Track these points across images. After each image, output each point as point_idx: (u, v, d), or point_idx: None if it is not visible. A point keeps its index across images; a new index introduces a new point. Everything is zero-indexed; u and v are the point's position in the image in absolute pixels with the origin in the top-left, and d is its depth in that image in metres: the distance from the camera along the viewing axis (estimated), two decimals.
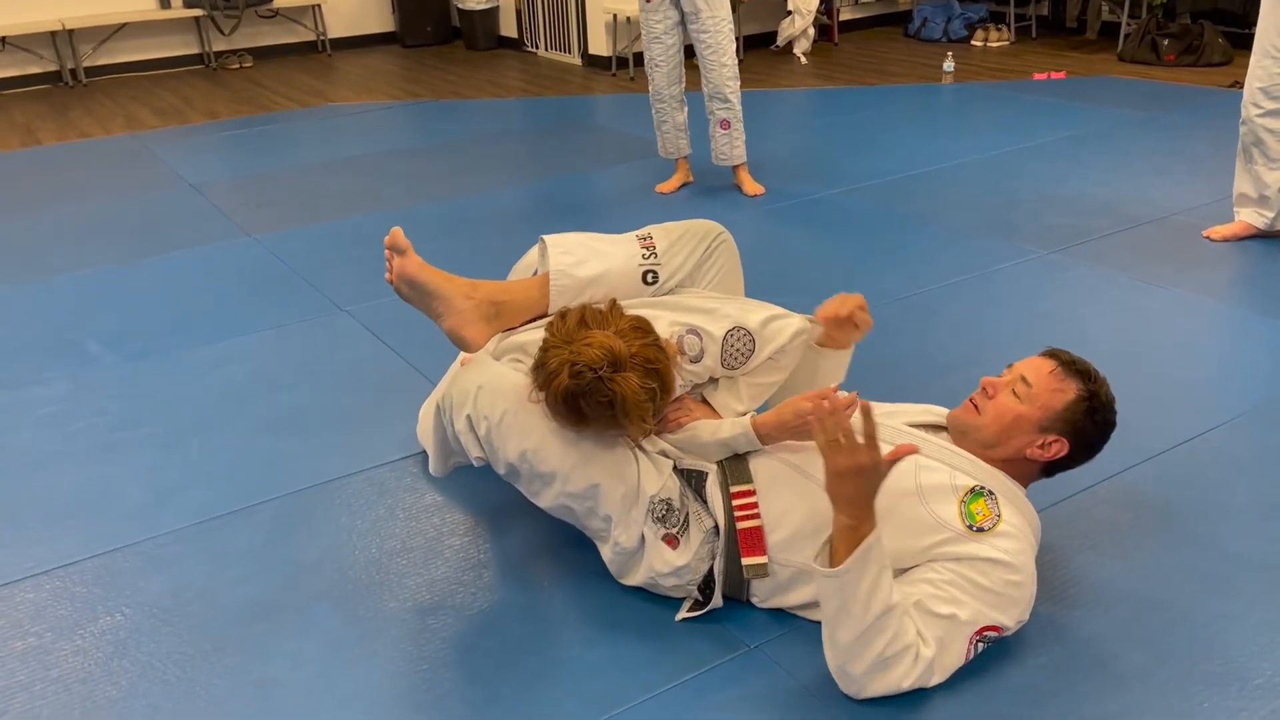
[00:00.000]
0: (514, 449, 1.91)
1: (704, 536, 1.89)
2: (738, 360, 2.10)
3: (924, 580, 1.75)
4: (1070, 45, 7.56)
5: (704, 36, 4.21)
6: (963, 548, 1.74)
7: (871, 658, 1.67)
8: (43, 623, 2.03)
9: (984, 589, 1.73)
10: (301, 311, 3.44)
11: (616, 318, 1.90)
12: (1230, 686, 1.74)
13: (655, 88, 4.41)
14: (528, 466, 1.92)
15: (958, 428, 1.91)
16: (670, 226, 2.21)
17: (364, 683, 1.84)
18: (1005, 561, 1.74)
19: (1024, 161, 4.75)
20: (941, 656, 1.72)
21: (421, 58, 8.31)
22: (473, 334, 2.11)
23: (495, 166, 5.16)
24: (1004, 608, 1.74)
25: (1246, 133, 3.58)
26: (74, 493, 2.47)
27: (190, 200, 4.76)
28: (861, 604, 1.65)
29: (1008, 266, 3.56)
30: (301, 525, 2.30)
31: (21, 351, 3.24)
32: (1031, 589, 1.78)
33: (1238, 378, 2.76)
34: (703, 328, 2.06)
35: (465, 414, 1.93)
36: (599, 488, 1.91)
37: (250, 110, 6.62)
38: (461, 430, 1.95)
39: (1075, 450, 1.87)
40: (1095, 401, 1.85)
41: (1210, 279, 3.40)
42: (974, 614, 1.72)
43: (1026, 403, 1.84)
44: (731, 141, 4.42)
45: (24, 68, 7.59)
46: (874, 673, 1.69)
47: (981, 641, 1.75)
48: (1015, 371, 1.90)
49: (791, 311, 2.18)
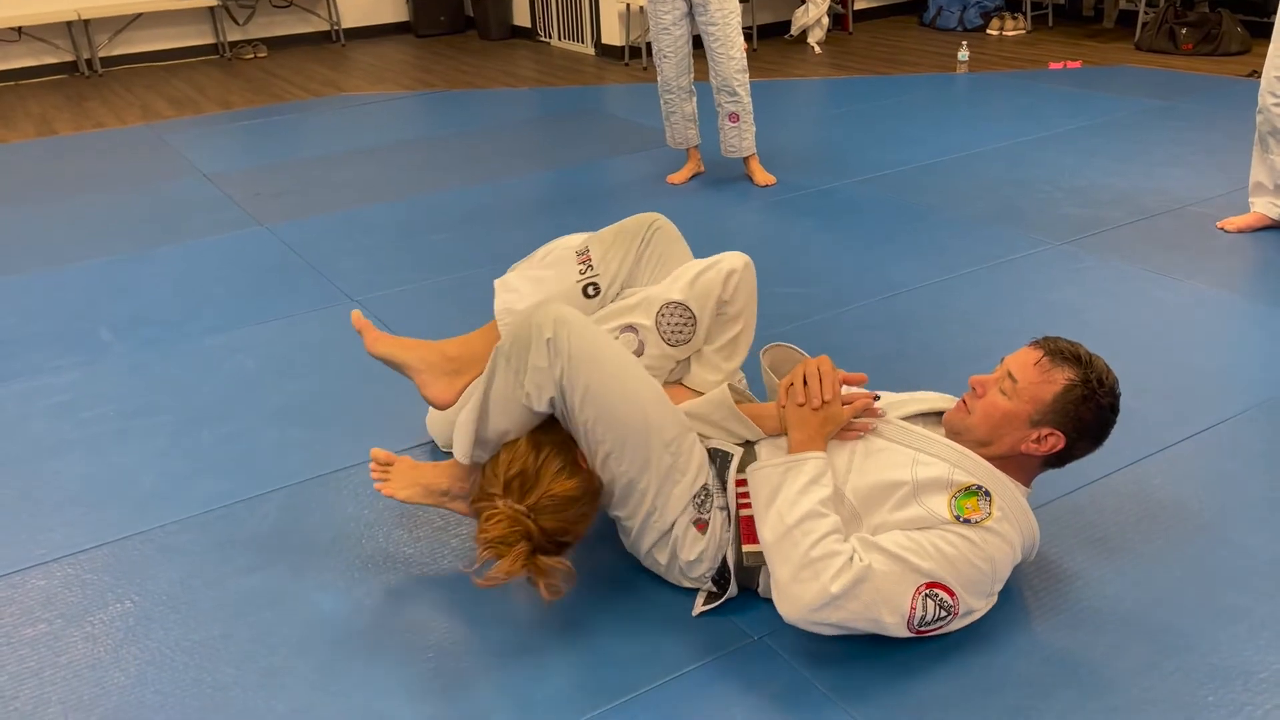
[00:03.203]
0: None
1: (722, 520, 1.90)
2: (683, 333, 2.05)
3: (889, 537, 1.74)
4: (1086, 34, 7.50)
5: (712, 29, 4.19)
6: (943, 528, 1.74)
7: (797, 558, 1.68)
8: (53, 609, 2.05)
9: (944, 554, 1.71)
10: (313, 301, 3.45)
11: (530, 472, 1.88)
12: (1235, 681, 1.73)
13: (664, 79, 4.39)
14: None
15: (952, 429, 1.88)
16: (605, 232, 2.19)
17: (370, 672, 1.85)
18: (976, 544, 1.72)
19: (1039, 151, 4.72)
20: (886, 587, 1.68)
21: (435, 47, 8.31)
22: (435, 393, 2.17)
23: (508, 156, 5.15)
24: (960, 580, 1.72)
25: (1263, 122, 3.55)
26: (85, 480, 2.49)
27: (203, 190, 4.78)
28: (786, 503, 1.70)
29: (1020, 257, 3.54)
30: (310, 514, 2.31)
31: (34, 340, 3.27)
32: (990, 588, 1.78)
33: (1249, 370, 2.74)
34: (636, 322, 2.04)
35: (546, 339, 1.82)
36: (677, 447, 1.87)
37: (264, 100, 6.64)
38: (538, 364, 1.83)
39: (1076, 440, 1.81)
40: (1088, 387, 1.77)
41: (1224, 271, 3.38)
42: (929, 567, 1.70)
43: (1014, 399, 1.79)
44: (740, 135, 4.41)
45: (40, 58, 7.63)
46: (801, 575, 1.68)
47: (930, 599, 1.70)
48: (1004, 367, 1.85)
49: (726, 253, 2.08)
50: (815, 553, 1.68)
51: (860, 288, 3.35)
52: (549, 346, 1.82)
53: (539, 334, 1.82)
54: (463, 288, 3.49)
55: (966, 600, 1.74)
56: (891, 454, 1.83)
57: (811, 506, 1.72)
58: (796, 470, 1.77)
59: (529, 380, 1.84)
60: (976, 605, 1.78)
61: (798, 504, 1.72)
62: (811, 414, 1.83)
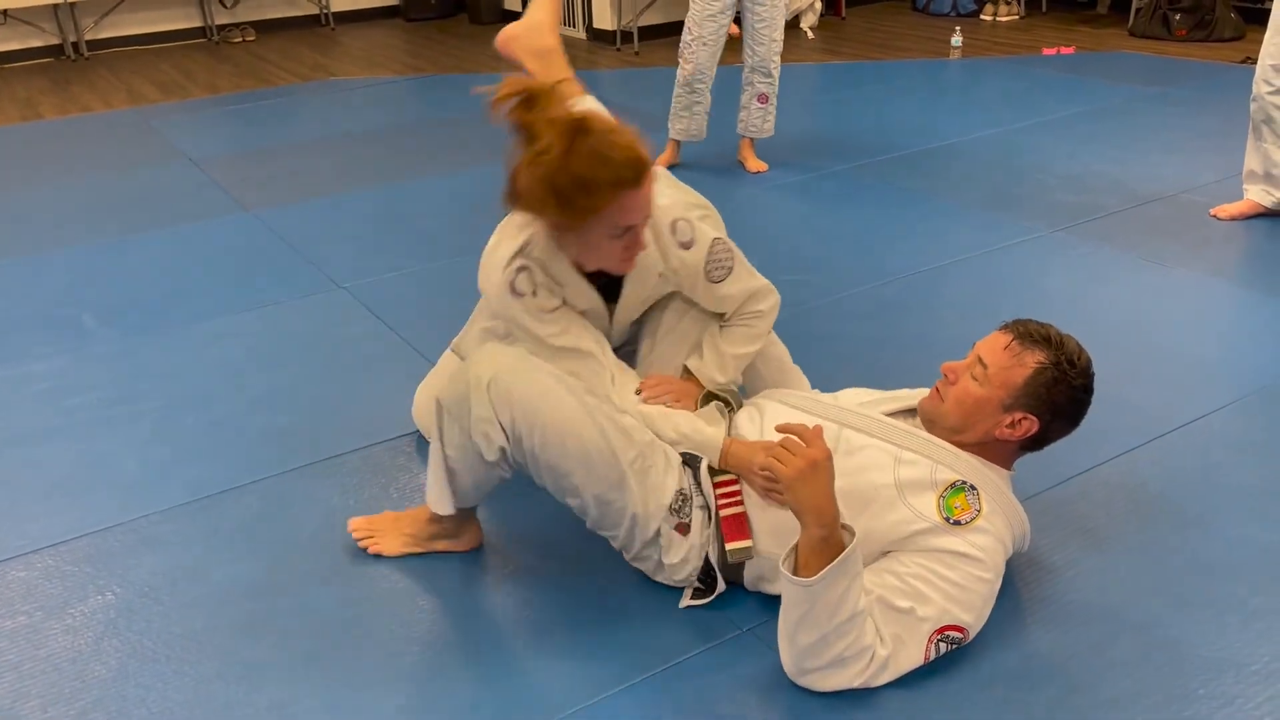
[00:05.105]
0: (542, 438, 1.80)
1: (703, 519, 1.87)
2: (718, 271, 2.03)
3: (889, 571, 1.72)
4: (1080, 20, 7.47)
5: (759, 9, 4.16)
6: (936, 540, 1.71)
7: (829, 658, 1.66)
8: (33, 601, 2.02)
9: (951, 583, 1.69)
10: (299, 288, 3.42)
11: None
12: (1227, 672, 1.72)
13: (696, 68, 4.24)
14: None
15: (926, 417, 1.86)
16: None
17: (354, 664, 1.83)
18: (976, 558, 1.70)
19: (1032, 138, 4.69)
20: (897, 655, 1.69)
21: (425, 31, 8.25)
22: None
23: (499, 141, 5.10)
24: (969, 605, 1.71)
25: (1257, 110, 3.53)
26: (68, 469, 2.46)
27: (190, 175, 4.73)
28: (829, 611, 1.63)
29: (1014, 244, 3.52)
30: (294, 504, 2.29)
31: (17, 326, 3.23)
32: (995, 590, 1.75)
33: (1242, 358, 2.73)
34: (695, 222, 2.02)
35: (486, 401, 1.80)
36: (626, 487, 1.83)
37: (252, 84, 6.57)
38: (483, 419, 1.81)
39: (1050, 422, 1.79)
40: (1059, 369, 1.75)
41: (1217, 258, 3.36)
42: (936, 611, 1.69)
43: (986, 385, 1.78)
44: (765, 116, 4.40)
45: (25, 41, 7.54)
46: (828, 670, 1.67)
47: (943, 641, 1.71)
48: (975, 352, 1.83)
49: (772, 286, 2.12)
50: (848, 653, 1.66)
51: (852, 275, 3.33)
52: (488, 393, 1.78)
53: (477, 384, 1.79)
54: (452, 274, 3.45)
55: (974, 622, 1.73)
56: (872, 452, 1.80)
57: (851, 610, 1.63)
58: (837, 578, 1.62)
59: (475, 431, 1.80)
60: (985, 617, 1.77)
61: (836, 612, 1.63)
62: (804, 473, 1.63)
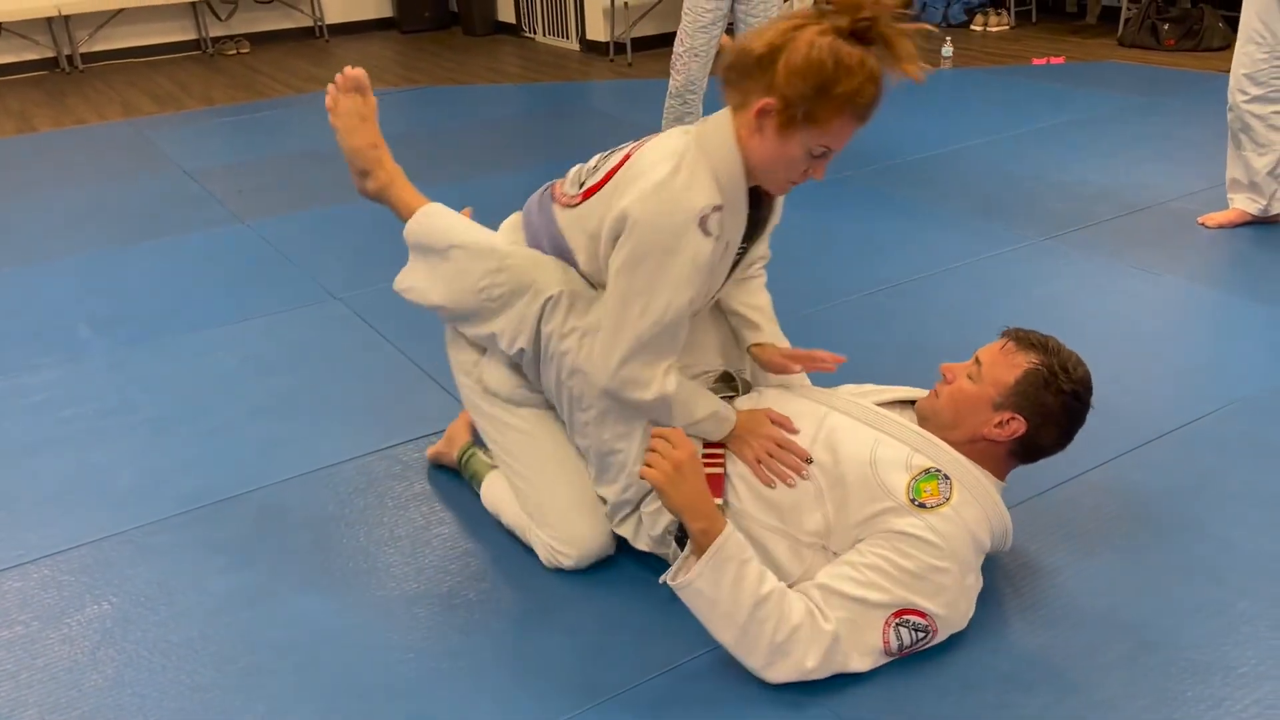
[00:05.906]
0: None
1: None
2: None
3: (846, 562, 1.73)
4: (1070, 30, 7.52)
5: (752, 20, 4.20)
6: (897, 520, 1.71)
7: (766, 646, 1.67)
8: (30, 611, 2.03)
9: (905, 571, 1.69)
10: (294, 298, 3.44)
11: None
12: (1214, 675, 1.74)
13: (689, 79, 4.26)
14: None
15: (921, 414, 1.90)
16: None
17: (351, 672, 1.84)
18: (932, 543, 1.69)
19: (1022, 147, 4.73)
20: (853, 636, 1.70)
21: (419, 43, 8.28)
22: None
23: (493, 152, 5.14)
24: (929, 593, 1.70)
25: (1234, 119, 3.55)
26: (64, 480, 2.47)
27: (185, 186, 4.75)
28: (728, 604, 1.65)
29: (1004, 252, 3.55)
30: (289, 513, 2.30)
31: (12, 337, 3.24)
32: (962, 582, 1.74)
33: (1229, 365, 2.75)
34: None
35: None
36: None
37: (247, 96, 6.60)
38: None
39: (1039, 426, 1.80)
40: (1050, 372, 1.78)
41: (1204, 266, 3.39)
42: (890, 598, 1.69)
43: (979, 382, 1.83)
44: None
45: (20, 54, 7.56)
46: (773, 660, 1.68)
47: (904, 626, 1.71)
48: (975, 355, 1.89)
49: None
50: (779, 638, 1.67)
51: (844, 282, 3.35)
52: (548, 306, 1.90)
53: (539, 292, 1.91)
54: None
55: (940, 611, 1.73)
56: (853, 431, 1.83)
57: (754, 595, 1.66)
58: (717, 566, 1.67)
59: (506, 319, 1.95)
60: (961, 608, 1.77)
61: (738, 601, 1.66)
62: (672, 476, 1.68)
